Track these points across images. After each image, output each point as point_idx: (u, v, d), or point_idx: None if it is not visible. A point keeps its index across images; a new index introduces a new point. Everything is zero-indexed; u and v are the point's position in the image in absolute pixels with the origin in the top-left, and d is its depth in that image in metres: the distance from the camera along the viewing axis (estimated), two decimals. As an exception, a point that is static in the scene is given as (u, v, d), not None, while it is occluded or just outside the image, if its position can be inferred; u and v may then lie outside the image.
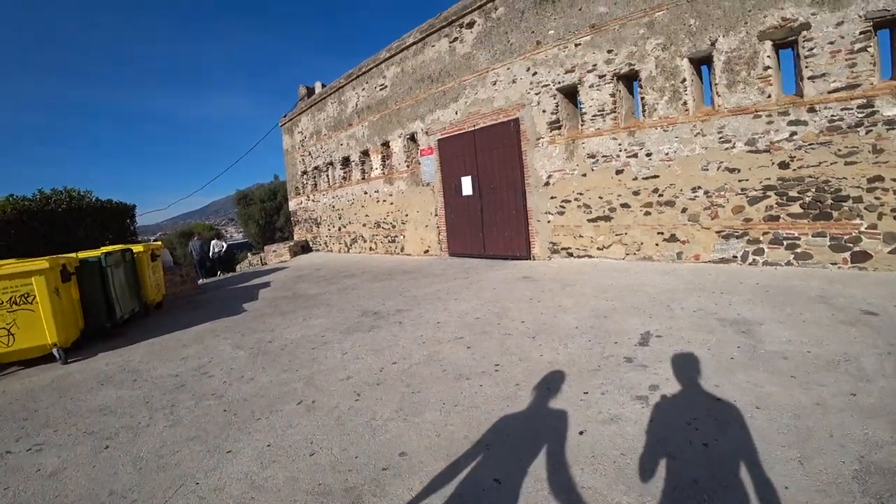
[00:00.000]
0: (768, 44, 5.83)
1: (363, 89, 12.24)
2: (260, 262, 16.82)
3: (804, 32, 5.53)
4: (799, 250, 5.84)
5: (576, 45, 7.75)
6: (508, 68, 8.62)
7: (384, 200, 12.13)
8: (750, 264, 6.22)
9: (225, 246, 17.03)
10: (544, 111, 8.28)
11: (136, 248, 7.24)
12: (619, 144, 7.43)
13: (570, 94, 8.14)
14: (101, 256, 5.87)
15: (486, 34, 8.88)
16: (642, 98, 7.17)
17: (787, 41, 5.76)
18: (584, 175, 7.90)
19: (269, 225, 26.02)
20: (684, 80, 6.63)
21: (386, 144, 11.88)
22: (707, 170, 6.51)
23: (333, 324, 5.47)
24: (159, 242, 8.46)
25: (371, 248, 13.01)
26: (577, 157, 7.96)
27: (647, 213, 7.22)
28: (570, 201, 8.15)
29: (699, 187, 6.60)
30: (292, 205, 17.76)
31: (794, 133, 5.75)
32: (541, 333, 4.23)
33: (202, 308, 7.68)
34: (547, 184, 8.40)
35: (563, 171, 8.16)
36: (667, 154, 6.92)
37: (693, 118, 6.62)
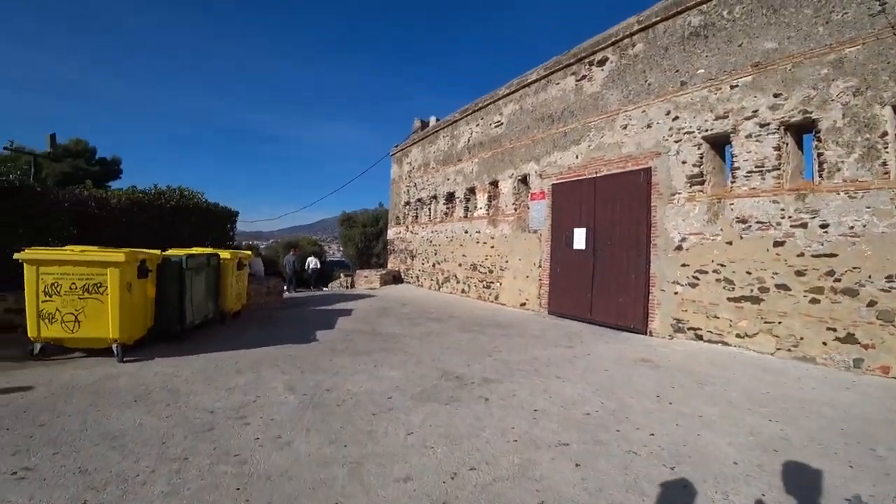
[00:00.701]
0: None
1: (477, 125, 12.00)
2: (349, 284, 17.15)
3: None
4: None
5: (731, 87, 6.55)
6: (644, 111, 7.62)
7: (485, 242, 11.53)
8: None
9: (319, 264, 17.78)
10: (684, 162, 7.08)
11: (224, 254, 7.32)
12: (783, 210, 5.98)
13: (719, 144, 6.88)
14: (182, 258, 5.87)
15: (619, 72, 8.03)
16: (819, 154, 5.72)
17: None
18: (730, 243, 6.49)
19: (367, 249, 27.06)
20: (885, 133, 5.12)
21: (494, 184, 11.37)
22: (918, 255, 4.83)
23: (407, 381, 4.79)
24: (249, 252, 8.65)
25: (463, 291, 12.41)
26: (722, 219, 6.60)
27: (815, 301, 5.60)
28: (706, 272, 6.74)
29: (901, 277, 4.92)
30: (391, 233, 18.07)
31: None
32: (682, 463, 3.08)
33: (276, 326, 7.60)
34: (679, 248, 7.08)
35: (702, 234, 6.82)
36: (851, 227, 5.35)
37: (895, 184, 5.02)
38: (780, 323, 5.92)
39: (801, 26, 5.84)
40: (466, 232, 12.37)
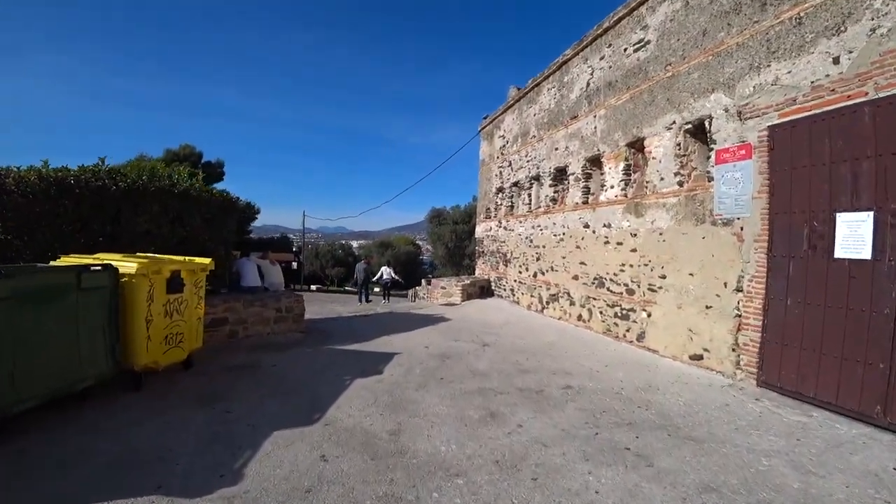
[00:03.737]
0: None
1: (602, 58, 7.77)
2: (424, 295, 14.17)
3: None
4: None
5: None
6: None
7: (619, 243, 7.31)
8: None
9: (393, 274, 16.54)
10: None
11: (129, 265, 4.21)
12: None
13: None
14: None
15: None
16: None
17: None
18: None
19: (458, 249, 23.82)
20: None
21: (636, 145, 7.10)
22: None
23: None
24: (208, 260, 5.16)
25: (580, 318, 8.29)
26: None
27: None
28: None
29: None
30: (479, 231, 14.39)
31: None
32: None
33: (242, 399, 4.31)
34: None
35: None
36: None
37: None
38: None
39: None
40: (587, 226, 8.21)
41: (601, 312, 7.70)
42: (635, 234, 6.94)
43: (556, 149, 9.24)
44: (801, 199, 4.57)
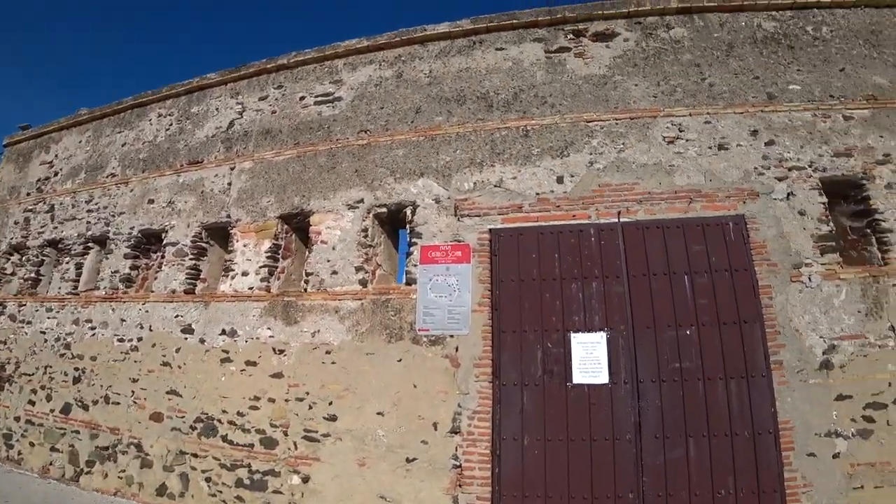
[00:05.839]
0: None
1: (264, 98, 5.60)
2: None
3: None
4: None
5: (846, 118, 4.20)
6: (708, 121, 4.28)
7: (252, 362, 4.49)
8: None
9: None
10: (802, 213, 3.96)
11: None
12: None
13: (841, 194, 4.16)
14: None
15: (645, 56, 4.62)
16: None
17: None
18: None
19: None
20: None
21: (296, 220, 5.02)
22: None
23: None
24: None
25: (165, 492, 4.35)
26: (889, 311, 3.70)
27: None
28: (884, 406, 3.48)
29: None
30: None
31: None
32: None
33: None
34: (827, 365, 3.52)
35: (863, 339, 3.66)
36: None
37: None
38: None
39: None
40: (189, 330, 4.84)
41: (209, 480, 4.22)
42: (282, 351, 4.47)
43: (152, 201, 5.64)
44: (533, 316, 3.99)
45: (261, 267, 4.89)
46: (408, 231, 4.62)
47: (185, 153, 5.79)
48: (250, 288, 4.83)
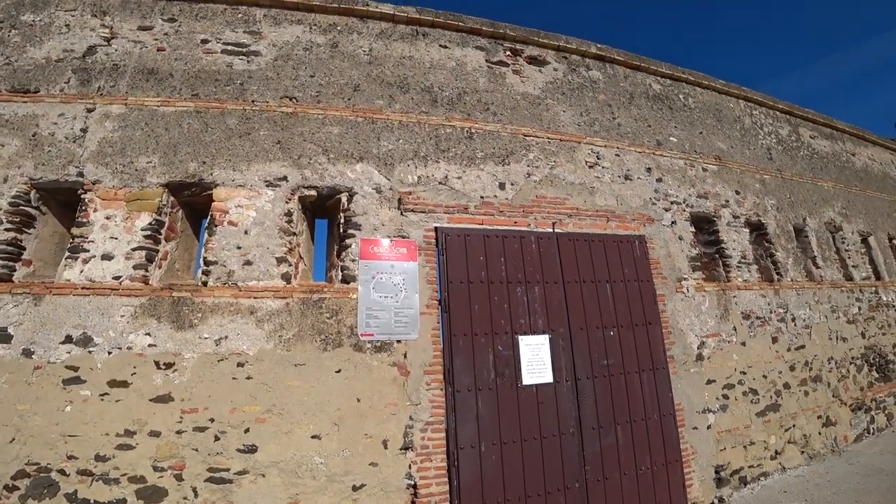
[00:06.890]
0: None
1: (149, 29, 4.19)
2: None
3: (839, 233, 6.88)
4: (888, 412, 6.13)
5: (704, 170, 5.58)
6: (618, 155, 5.00)
7: (123, 382, 3.27)
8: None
9: None
10: (681, 238, 4.98)
11: None
12: (769, 304, 5.46)
13: (701, 229, 5.38)
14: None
15: (572, 88, 5.16)
16: (771, 255, 5.80)
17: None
18: (744, 344, 5.07)
19: None
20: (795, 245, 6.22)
21: (191, 191, 3.91)
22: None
23: None
24: None
25: None
26: (732, 316, 5.06)
27: (806, 394, 5.41)
28: (732, 386, 4.77)
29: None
30: None
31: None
32: None
33: None
34: (700, 357, 4.58)
35: (719, 336, 4.91)
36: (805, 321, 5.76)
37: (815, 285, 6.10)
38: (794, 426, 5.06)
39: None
40: (3, 338, 3.27)
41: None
42: (171, 365, 3.40)
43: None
44: (483, 318, 3.96)
45: (134, 249, 3.63)
46: (342, 221, 4.08)
47: (6, 75, 3.92)
48: (117, 278, 3.54)
